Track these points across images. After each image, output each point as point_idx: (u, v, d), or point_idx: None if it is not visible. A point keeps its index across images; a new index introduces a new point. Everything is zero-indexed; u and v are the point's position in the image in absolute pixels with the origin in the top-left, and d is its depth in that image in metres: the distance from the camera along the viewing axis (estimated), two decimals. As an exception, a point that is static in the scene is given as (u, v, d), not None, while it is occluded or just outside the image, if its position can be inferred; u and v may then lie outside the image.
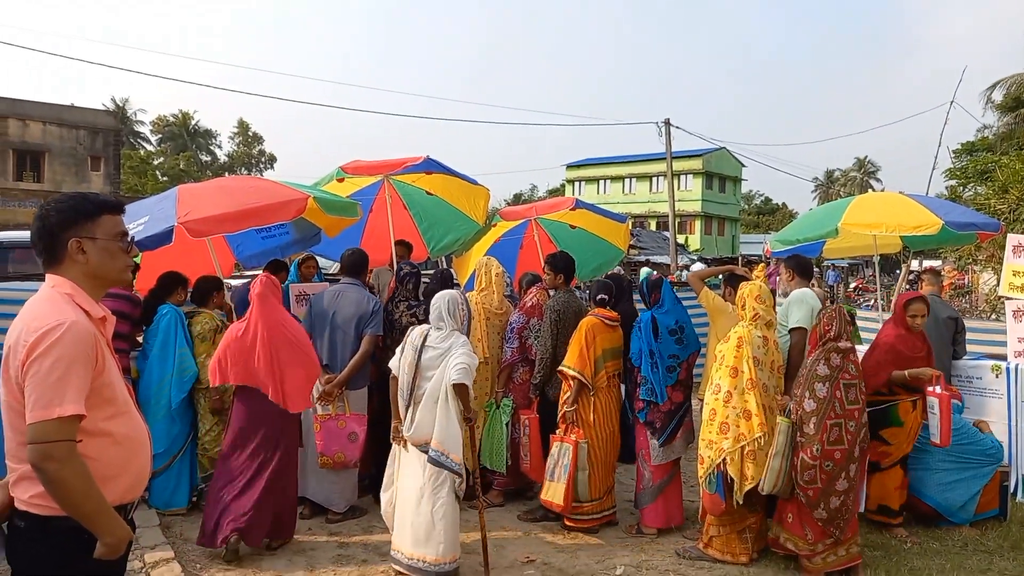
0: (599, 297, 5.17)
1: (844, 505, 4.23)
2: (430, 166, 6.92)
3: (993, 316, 11.90)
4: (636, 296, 5.71)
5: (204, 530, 4.39)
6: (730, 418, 4.37)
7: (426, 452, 4.13)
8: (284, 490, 4.54)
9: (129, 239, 2.20)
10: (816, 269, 29.41)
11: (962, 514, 5.06)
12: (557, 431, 4.98)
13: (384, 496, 4.43)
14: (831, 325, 4.31)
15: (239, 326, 4.53)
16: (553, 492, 4.84)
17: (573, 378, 4.91)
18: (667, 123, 23.52)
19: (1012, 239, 6.78)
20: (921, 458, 5.11)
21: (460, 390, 4.13)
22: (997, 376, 6.12)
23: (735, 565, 4.44)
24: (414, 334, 4.32)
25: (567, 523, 5.03)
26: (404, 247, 7.06)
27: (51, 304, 1.99)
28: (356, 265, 5.37)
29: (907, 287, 13.63)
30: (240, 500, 4.36)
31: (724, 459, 4.33)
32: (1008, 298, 6.72)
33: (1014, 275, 6.65)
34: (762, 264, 9.31)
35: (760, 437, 4.28)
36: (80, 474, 1.91)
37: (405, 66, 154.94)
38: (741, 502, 4.33)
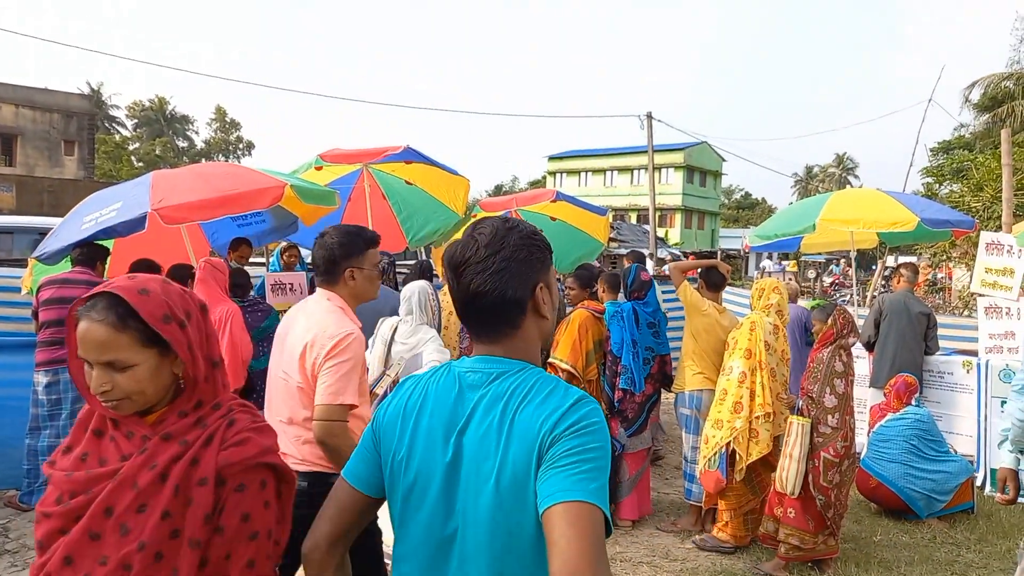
0: (594, 289, 5.20)
1: (844, 497, 4.31)
2: (410, 155, 6.87)
3: (965, 312, 12.08)
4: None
5: None
6: (744, 398, 4.44)
7: None
8: None
9: (382, 266, 2.64)
10: (793, 262, 29.61)
11: (927, 507, 5.13)
12: None
13: None
14: (847, 324, 4.34)
15: None
16: None
17: (564, 371, 4.81)
18: (649, 116, 23.51)
19: (985, 236, 6.88)
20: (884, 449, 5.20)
21: None
22: (968, 371, 6.23)
23: (708, 555, 4.48)
24: (384, 327, 4.26)
25: None
26: None
27: (339, 315, 2.49)
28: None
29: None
30: None
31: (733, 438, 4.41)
32: (980, 295, 6.82)
33: (987, 272, 6.75)
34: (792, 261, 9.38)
35: (760, 416, 4.37)
36: (351, 445, 2.20)
37: (385, 56, 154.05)
38: (740, 479, 4.40)
